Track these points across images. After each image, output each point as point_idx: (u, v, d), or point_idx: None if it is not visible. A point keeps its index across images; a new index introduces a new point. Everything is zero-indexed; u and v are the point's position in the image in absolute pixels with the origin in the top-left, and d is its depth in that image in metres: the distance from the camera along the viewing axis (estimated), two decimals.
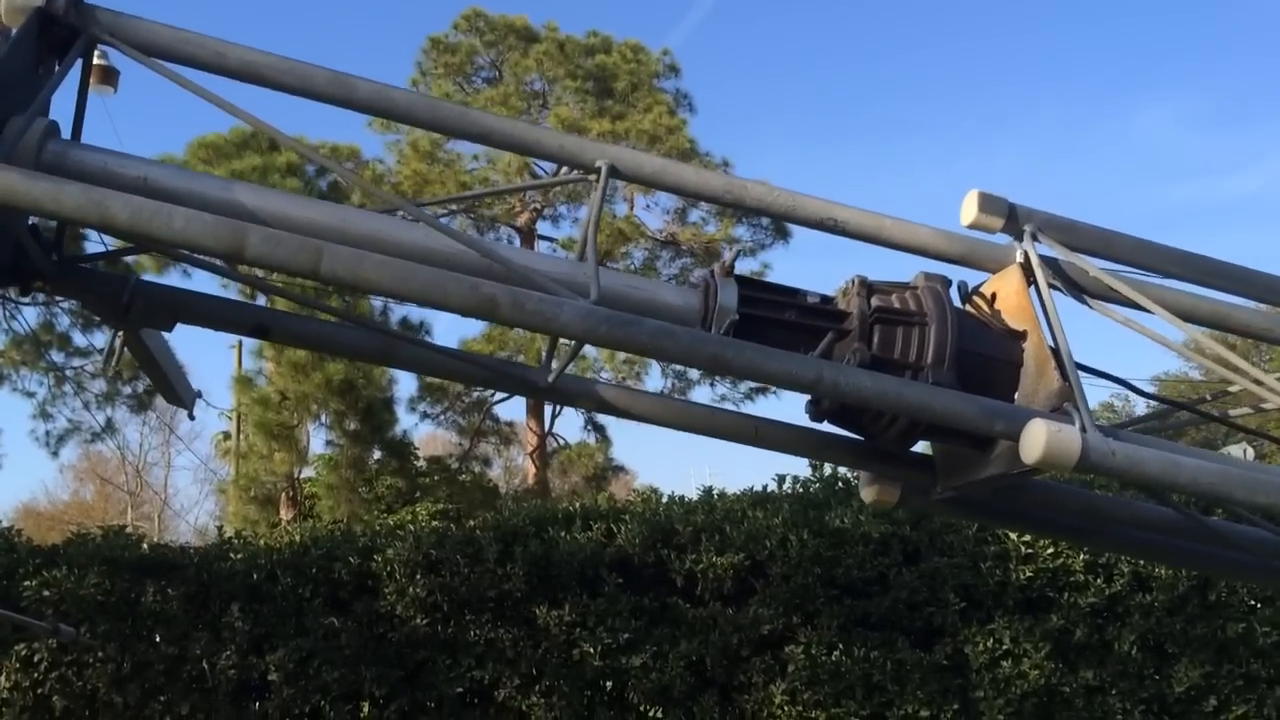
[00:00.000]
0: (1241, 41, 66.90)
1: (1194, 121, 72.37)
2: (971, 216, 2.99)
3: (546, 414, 23.23)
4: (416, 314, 20.07)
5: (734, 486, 11.59)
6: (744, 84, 69.63)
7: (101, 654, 8.66)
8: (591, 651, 8.81)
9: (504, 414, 24.20)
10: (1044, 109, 74.11)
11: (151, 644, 8.73)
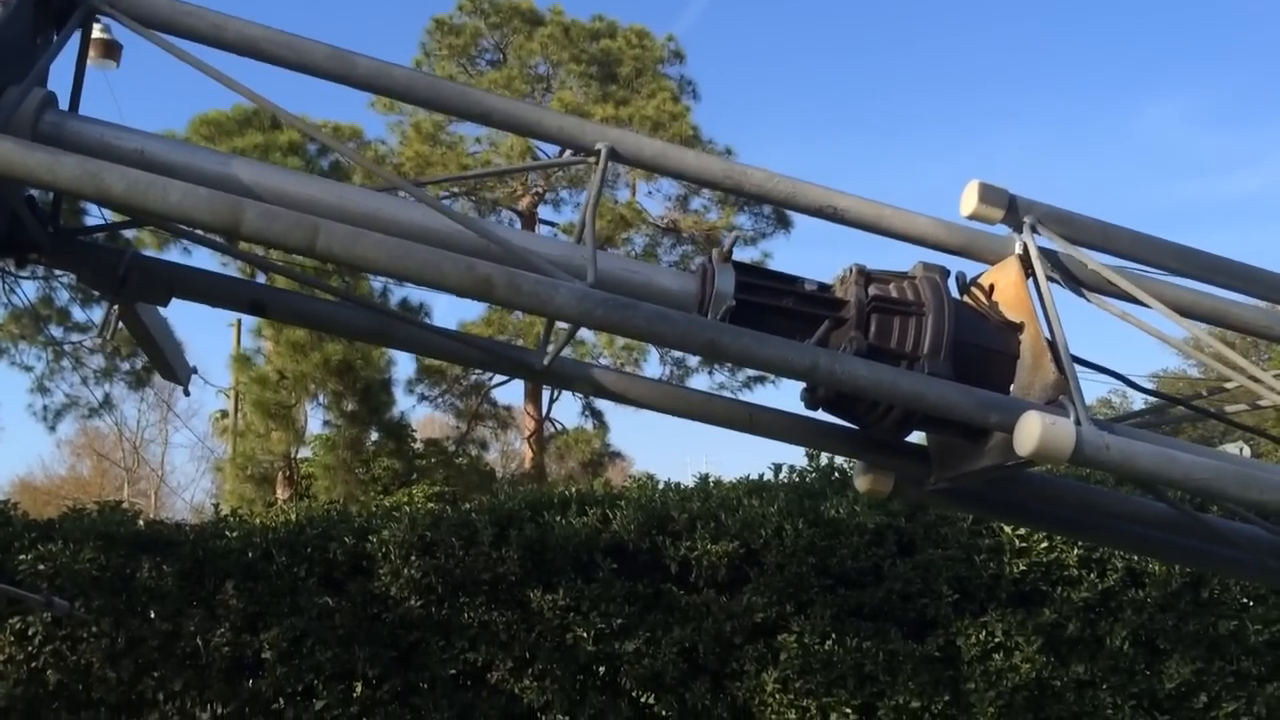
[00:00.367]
0: (1247, 40, 66.71)
1: (1198, 119, 72.22)
2: (971, 207, 2.98)
3: (544, 399, 23.25)
4: (416, 296, 20.07)
5: (730, 475, 11.62)
6: (748, 72, 69.42)
7: (95, 629, 8.67)
8: (585, 636, 8.83)
9: (502, 398, 24.24)
10: (1048, 104, 73.97)
11: (146, 620, 8.74)
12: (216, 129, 19.87)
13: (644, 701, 8.88)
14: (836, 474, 9.96)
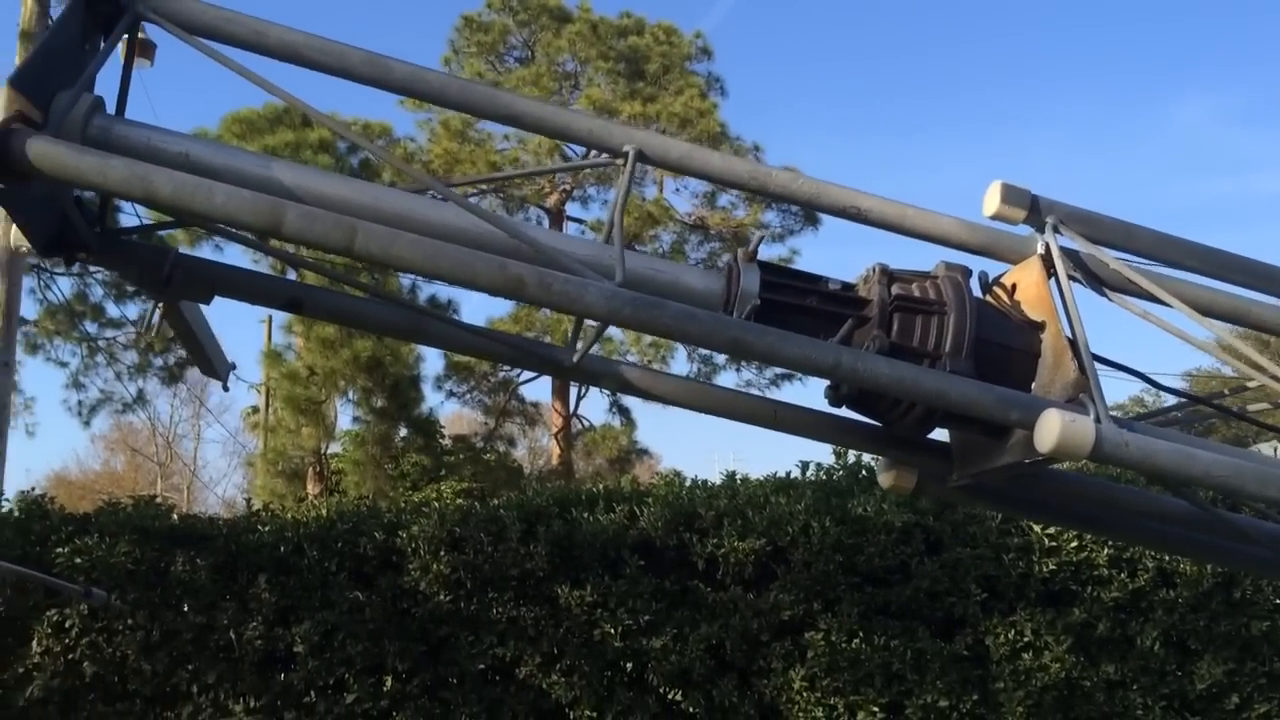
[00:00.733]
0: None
1: (1232, 117, 71.42)
2: (994, 207, 3.02)
3: (572, 395, 23.35)
4: (445, 292, 20.22)
5: (757, 472, 11.63)
6: (776, 70, 69.29)
7: (131, 621, 8.80)
8: (612, 632, 8.87)
9: (529, 395, 24.37)
10: (1078, 103, 73.40)
11: (180, 613, 8.85)
12: (248, 126, 20.13)
13: (671, 698, 8.91)
14: (864, 472, 9.95)
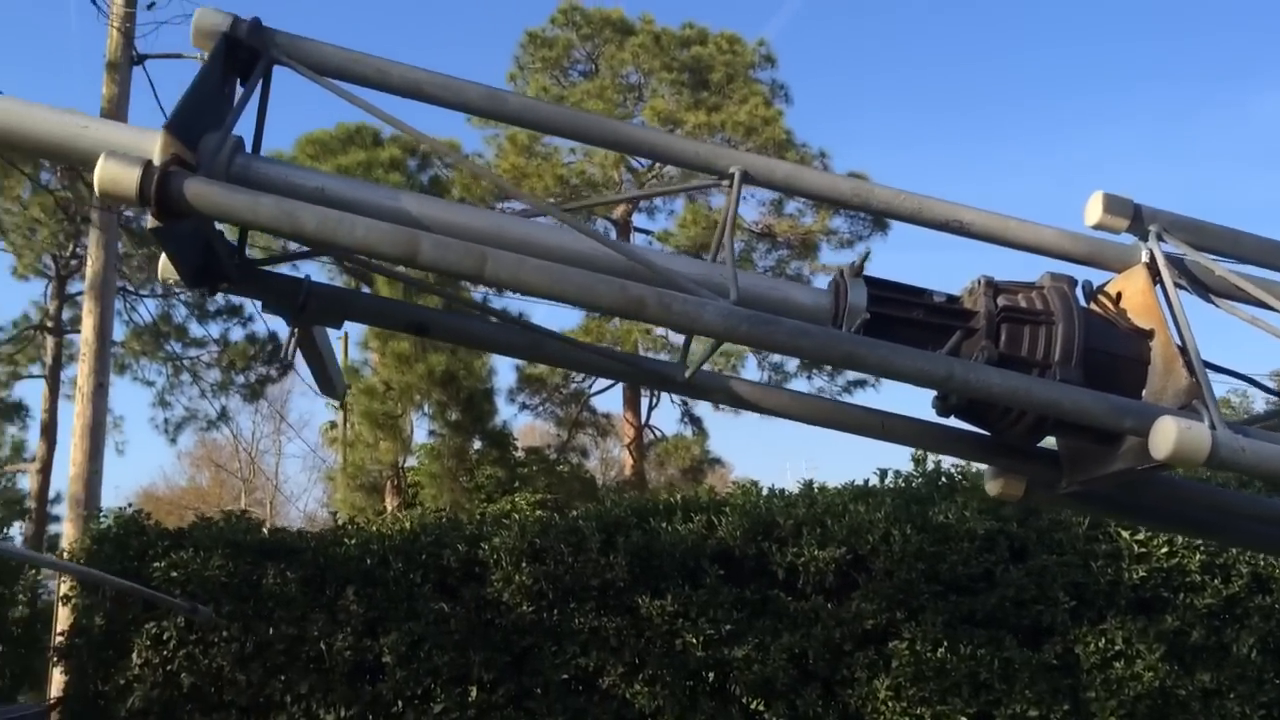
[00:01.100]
0: None
1: None
2: (1096, 217, 3.03)
3: (643, 406, 23.44)
4: (515, 305, 20.46)
5: (832, 480, 11.56)
6: (840, 76, 68.94)
7: (225, 633, 9.05)
8: (694, 642, 8.92)
9: (601, 406, 24.53)
10: (1152, 100, 72.05)
11: (272, 624, 9.09)
12: (321, 147, 20.59)
13: (755, 708, 8.93)
14: (943, 479, 9.89)
